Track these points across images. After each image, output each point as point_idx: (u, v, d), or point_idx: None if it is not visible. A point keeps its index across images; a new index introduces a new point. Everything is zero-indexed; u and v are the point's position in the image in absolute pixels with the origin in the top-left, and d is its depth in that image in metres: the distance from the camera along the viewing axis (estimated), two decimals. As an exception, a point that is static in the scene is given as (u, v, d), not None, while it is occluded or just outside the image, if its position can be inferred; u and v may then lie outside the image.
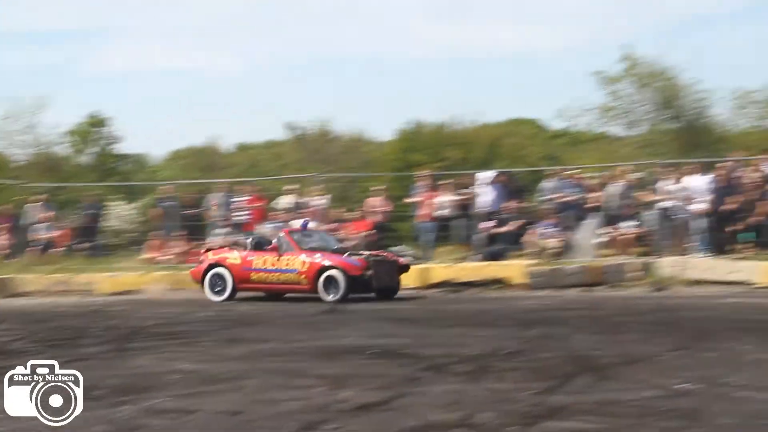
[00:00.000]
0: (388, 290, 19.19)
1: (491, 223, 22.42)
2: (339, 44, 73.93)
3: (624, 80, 28.08)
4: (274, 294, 19.85)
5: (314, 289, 18.76)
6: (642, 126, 28.48)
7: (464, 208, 22.97)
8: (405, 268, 19.77)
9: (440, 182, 23.52)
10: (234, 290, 19.63)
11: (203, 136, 63.70)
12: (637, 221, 21.81)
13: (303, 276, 18.93)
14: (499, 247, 22.26)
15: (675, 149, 25.82)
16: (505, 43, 69.84)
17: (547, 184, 23.30)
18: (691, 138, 26.83)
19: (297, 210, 23.43)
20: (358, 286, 18.58)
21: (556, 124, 31.61)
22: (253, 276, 19.53)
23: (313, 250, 19.31)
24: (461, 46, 70.13)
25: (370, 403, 8.14)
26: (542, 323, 14.18)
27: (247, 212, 23.93)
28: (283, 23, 77.90)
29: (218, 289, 19.63)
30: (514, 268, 20.75)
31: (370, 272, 18.56)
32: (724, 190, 20.73)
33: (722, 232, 20.84)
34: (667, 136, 27.29)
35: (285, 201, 24.20)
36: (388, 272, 19.16)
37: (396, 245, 23.19)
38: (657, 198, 21.68)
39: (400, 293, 19.54)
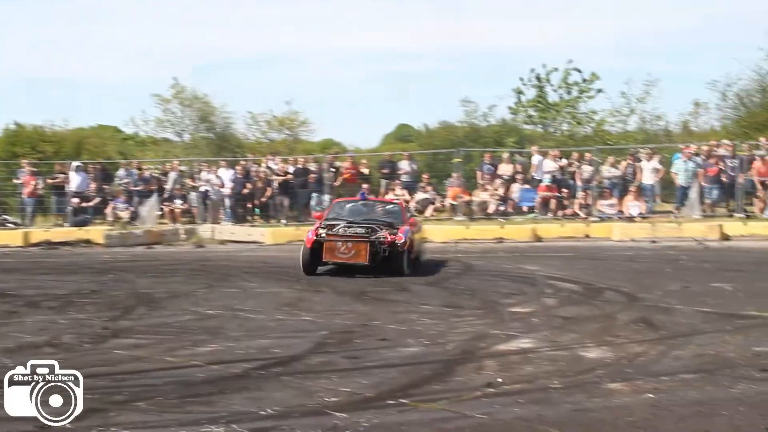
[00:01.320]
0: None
1: (78, 200, 21.41)
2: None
3: (173, 101, 27.94)
4: None
5: None
6: (187, 134, 28.50)
7: (59, 188, 21.73)
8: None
9: (38, 169, 22.18)
10: None
11: None
12: (185, 200, 21.79)
13: None
14: (85, 216, 21.32)
15: (210, 151, 26.09)
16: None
17: (121, 172, 22.62)
18: (221, 143, 27.29)
19: None
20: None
21: (129, 129, 30.83)
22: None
23: (338, 220, 13.17)
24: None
25: (-24, 333, 7.58)
26: (115, 271, 13.78)
27: None
28: None
29: None
30: (96, 232, 19.94)
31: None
32: (242, 179, 21.20)
33: (242, 208, 21.34)
34: (205, 141, 27.50)
35: None
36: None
37: (3, 215, 21.60)
38: (199, 184, 21.77)
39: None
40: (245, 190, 21.13)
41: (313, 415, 5.30)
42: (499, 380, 6.19)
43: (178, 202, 21.54)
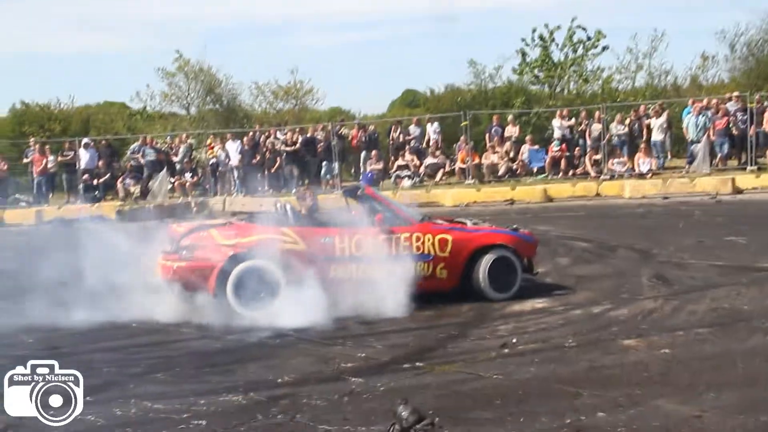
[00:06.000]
0: None
1: (88, 176, 21.45)
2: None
3: (178, 75, 27.82)
4: None
5: None
6: (194, 107, 28.40)
7: (69, 165, 21.77)
8: None
9: (47, 147, 22.18)
10: None
11: None
12: (195, 173, 21.76)
13: None
14: (97, 193, 21.38)
15: (218, 123, 25.98)
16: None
17: (131, 147, 22.61)
18: (228, 115, 27.19)
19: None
20: None
21: (136, 105, 30.73)
22: None
23: None
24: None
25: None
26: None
27: None
28: None
29: None
30: (107, 208, 19.99)
31: None
32: (250, 151, 21.09)
33: (254, 179, 21.19)
34: (212, 114, 27.36)
35: None
36: None
37: (17, 194, 21.65)
38: (209, 156, 21.72)
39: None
40: (254, 162, 21.07)
41: (330, 381, 5.32)
42: (514, 341, 6.19)
43: (188, 175, 21.54)
